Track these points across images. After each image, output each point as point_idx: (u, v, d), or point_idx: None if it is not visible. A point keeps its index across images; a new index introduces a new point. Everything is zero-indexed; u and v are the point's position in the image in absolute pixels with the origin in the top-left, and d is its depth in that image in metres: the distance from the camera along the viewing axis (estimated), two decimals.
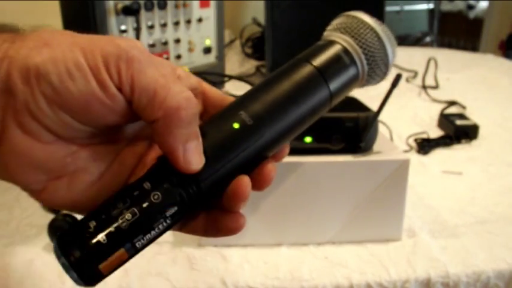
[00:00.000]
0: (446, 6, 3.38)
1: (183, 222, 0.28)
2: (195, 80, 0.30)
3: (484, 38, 3.01)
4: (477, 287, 0.53)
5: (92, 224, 0.24)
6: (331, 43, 0.32)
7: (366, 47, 0.32)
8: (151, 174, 0.26)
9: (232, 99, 0.31)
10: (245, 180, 0.27)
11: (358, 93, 0.44)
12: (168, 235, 0.58)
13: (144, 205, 0.25)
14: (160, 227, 0.25)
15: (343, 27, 0.32)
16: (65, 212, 0.55)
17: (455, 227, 0.61)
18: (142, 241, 0.25)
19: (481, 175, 0.75)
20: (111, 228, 0.24)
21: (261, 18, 1.26)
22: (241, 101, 0.29)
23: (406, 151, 0.82)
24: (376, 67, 0.32)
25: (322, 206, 0.56)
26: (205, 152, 0.26)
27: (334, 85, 0.31)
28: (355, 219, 0.57)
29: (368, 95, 0.98)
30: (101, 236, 0.24)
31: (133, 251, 0.25)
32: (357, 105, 0.62)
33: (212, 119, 0.29)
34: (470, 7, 3.43)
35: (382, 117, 0.76)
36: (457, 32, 3.41)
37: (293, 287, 0.51)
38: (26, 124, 0.24)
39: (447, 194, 0.70)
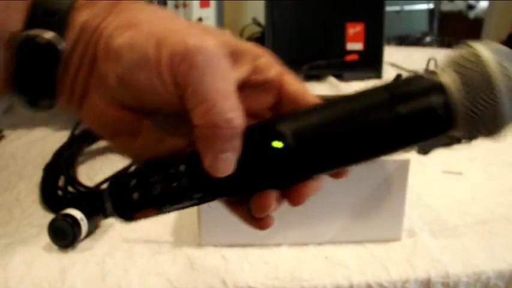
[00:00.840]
0: (446, 6, 3.38)
1: (229, 203, 0.31)
2: (275, 72, 0.30)
3: (484, 38, 3.01)
4: (477, 287, 0.53)
5: (133, 182, 0.28)
6: (432, 75, 0.26)
7: (473, 100, 0.24)
8: (190, 159, 0.28)
9: (312, 98, 0.29)
10: (269, 197, 0.28)
11: None
12: (168, 235, 0.59)
13: (174, 184, 0.28)
14: (187, 203, 0.28)
15: (458, 63, 0.25)
16: (64, 212, 0.55)
17: (455, 227, 0.61)
18: (169, 208, 0.28)
19: (481, 175, 0.75)
20: (144, 192, 0.28)
21: (261, 18, 1.26)
22: (294, 117, 0.28)
23: (406, 151, 0.81)
24: (482, 125, 0.25)
25: (322, 206, 0.56)
26: (238, 161, 0.27)
27: (408, 127, 0.26)
28: (355, 219, 0.56)
29: None
30: (135, 195, 0.28)
31: (161, 212, 0.28)
32: None
33: (259, 128, 0.28)
34: (470, 7, 3.43)
35: None
36: (457, 32, 3.41)
37: (293, 287, 0.51)
38: (101, 92, 0.28)
39: (447, 194, 0.69)
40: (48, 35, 0.27)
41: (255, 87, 0.30)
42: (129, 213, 0.28)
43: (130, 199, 0.28)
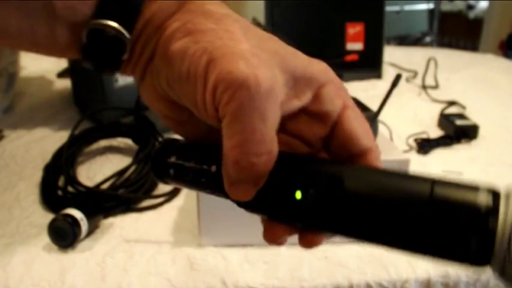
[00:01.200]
0: (446, 6, 3.39)
1: None
2: (336, 106, 0.28)
3: (484, 38, 3.02)
4: (477, 287, 0.53)
5: (173, 158, 0.31)
6: (489, 194, 0.22)
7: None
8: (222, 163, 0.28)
9: (368, 143, 0.28)
10: (280, 230, 0.28)
11: (358, 93, 0.44)
12: (168, 235, 0.59)
13: (203, 180, 0.29)
14: (213, 195, 0.29)
15: None
16: (64, 212, 0.55)
17: None
18: (197, 191, 0.31)
19: (481, 175, 0.75)
20: (178, 173, 0.30)
21: (261, 18, 1.26)
22: (327, 172, 0.26)
23: (406, 151, 0.82)
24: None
25: None
26: (260, 190, 0.26)
27: (433, 232, 0.22)
28: None
29: (368, 95, 0.97)
30: (171, 171, 0.31)
31: (191, 190, 0.31)
32: (356, 105, 0.62)
33: (292, 167, 0.27)
34: (470, 7, 3.43)
35: (382, 117, 0.76)
36: (457, 32, 3.41)
37: (293, 287, 0.51)
38: (154, 82, 0.29)
39: None
40: (117, 26, 0.27)
41: (312, 115, 0.28)
42: (164, 180, 0.32)
43: (167, 171, 0.31)
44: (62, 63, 1.14)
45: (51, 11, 0.27)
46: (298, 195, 0.26)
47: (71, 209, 0.56)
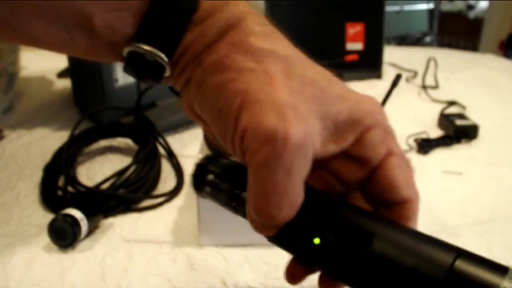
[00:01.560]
0: (446, 6, 3.39)
1: None
2: (380, 152, 0.27)
3: (484, 38, 3.02)
4: None
5: (210, 177, 0.33)
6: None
7: None
8: None
9: (407, 195, 0.27)
10: (299, 268, 0.29)
11: None
12: (168, 235, 0.59)
13: (233, 204, 0.31)
14: (243, 217, 0.30)
15: None
16: (64, 212, 0.55)
17: (455, 227, 0.61)
18: (228, 209, 0.32)
19: (481, 175, 0.75)
20: (213, 192, 0.32)
21: None
22: (348, 222, 0.26)
23: (406, 151, 0.82)
24: None
25: None
26: (281, 231, 0.27)
27: None
28: None
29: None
30: (207, 188, 0.33)
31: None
32: None
33: (317, 212, 0.27)
34: (470, 7, 3.43)
35: None
36: (457, 32, 3.41)
37: (293, 287, 0.51)
38: (189, 102, 0.29)
39: (447, 194, 0.70)
40: (157, 52, 0.27)
41: (352, 158, 0.27)
42: (202, 195, 0.34)
43: (203, 188, 0.33)
44: (62, 63, 1.14)
45: (91, 29, 0.26)
46: (317, 240, 0.26)
47: (71, 209, 0.56)
